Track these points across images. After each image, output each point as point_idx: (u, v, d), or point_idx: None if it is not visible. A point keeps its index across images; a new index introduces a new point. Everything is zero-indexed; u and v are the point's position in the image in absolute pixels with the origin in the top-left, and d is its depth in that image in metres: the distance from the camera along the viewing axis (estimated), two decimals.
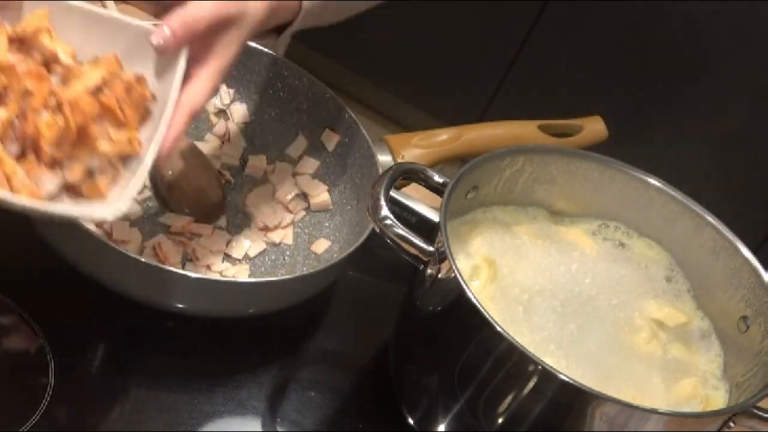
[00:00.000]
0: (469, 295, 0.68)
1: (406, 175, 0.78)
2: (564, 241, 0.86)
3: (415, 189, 0.89)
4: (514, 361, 0.68)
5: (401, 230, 0.73)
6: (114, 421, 0.74)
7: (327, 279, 0.85)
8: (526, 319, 0.77)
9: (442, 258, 0.72)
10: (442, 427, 0.77)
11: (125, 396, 0.76)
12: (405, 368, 0.82)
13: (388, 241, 0.73)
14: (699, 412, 0.76)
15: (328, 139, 0.97)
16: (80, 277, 0.79)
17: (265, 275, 0.87)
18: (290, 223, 0.92)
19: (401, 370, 0.82)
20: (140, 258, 0.75)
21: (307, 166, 0.97)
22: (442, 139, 1.00)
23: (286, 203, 0.93)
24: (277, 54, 0.94)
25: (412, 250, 0.73)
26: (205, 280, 0.78)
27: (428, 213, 0.96)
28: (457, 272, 0.70)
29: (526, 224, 0.86)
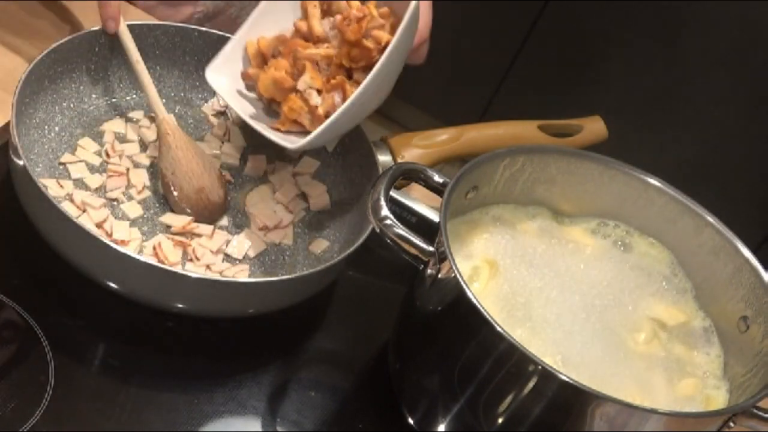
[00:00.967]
0: (469, 295, 0.68)
1: (406, 175, 0.78)
2: (565, 240, 0.86)
3: (415, 189, 0.89)
4: (514, 361, 0.68)
5: (401, 230, 0.73)
6: (114, 421, 0.74)
7: (327, 279, 0.85)
8: (526, 319, 0.77)
9: (442, 258, 0.72)
10: (442, 427, 0.77)
11: (125, 396, 0.76)
12: (405, 368, 0.82)
13: (388, 241, 0.73)
14: (699, 412, 0.76)
15: None
16: (80, 277, 0.79)
17: (265, 275, 0.87)
18: (290, 223, 0.92)
19: (401, 370, 0.82)
20: (140, 258, 0.75)
21: (307, 166, 0.97)
22: (442, 139, 1.00)
23: (286, 203, 0.93)
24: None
25: (412, 250, 0.73)
26: (205, 280, 0.78)
27: (428, 213, 0.96)
28: (457, 272, 0.70)
29: (527, 223, 0.86)
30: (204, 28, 0.97)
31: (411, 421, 0.80)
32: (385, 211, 0.73)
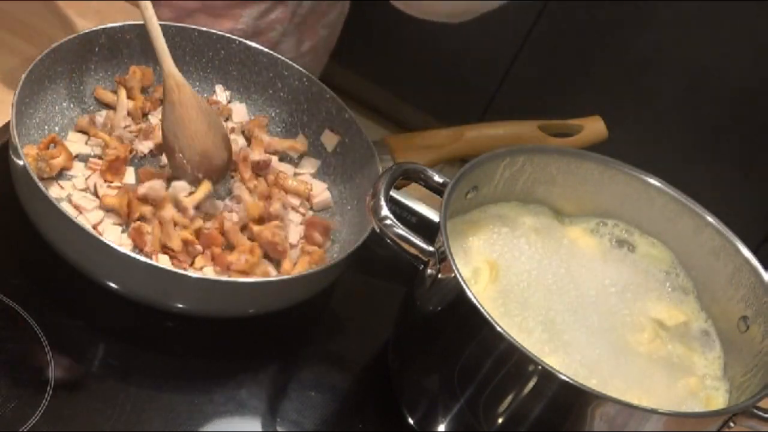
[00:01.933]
0: (469, 295, 0.68)
1: (406, 175, 0.78)
2: (566, 239, 0.86)
3: (415, 189, 0.89)
4: (514, 361, 0.68)
5: (401, 230, 0.73)
6: (114, 421, 0.74)
7: (327, 279, 0.85)
8: (526, 318, 0.77)
9: (442, 258, 0.72)
10: (442, 427, 0.77)
11: (125, 396, 0.76)
12: (405, 368, 0.82)
13: (388, 241, 0.73)
14: (699, 412, 0.76)
15: (328, 139, 0.97)
16: (80, 277, 0.79)
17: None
18: (298, 224, 0.92)
19: (401, 370, 0.82)
20: (140, 258, 0.75)
21: (308, 165, 0.97)
22: (442, 139, 1.00)
23: (294, 205, 0.93)
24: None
25: (412, 250, 0.73)
26: (205, 280, 0.78)
27: (428, 213, 0.96)
28: (457, 272, 0.70)
29: (528, 222, 0.86)
30: (204, 28, 0.97)
31: (411, 421, 0.80)
32: (385, 211, 0.73)
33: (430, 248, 0.73)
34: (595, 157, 0.86)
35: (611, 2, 1.96)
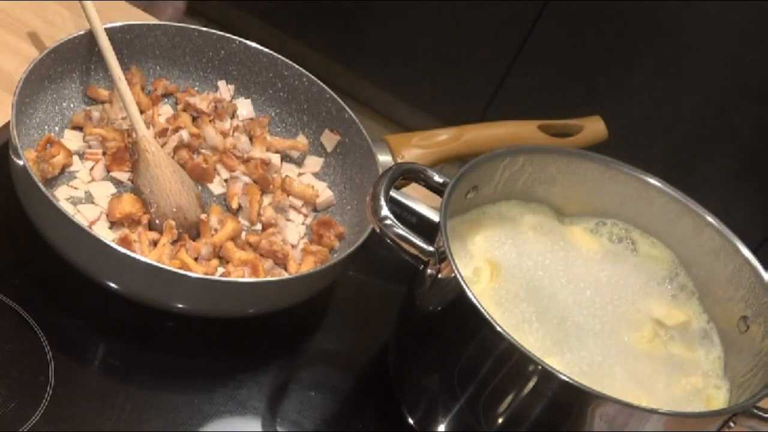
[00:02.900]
0: (469, 295, 0.68)
1: (406, 175, 0.78)
2: (566, 239, 0.86)
3: (415, 189, 0.89)
4: (514, 361, 0.68)
5: (401, 230, 0.73)
6: (114, 421, 0.74)
7: (327, 279, 0.85)
8: (526, 318, 0.77)
9: (442, 258, 0.72)
10: (442, 427, 0.77)
11: (125, 396, 0.76)
12: (405, 368, 0.82)
13: (388, 241, 0.73)
14: (699, 412, 0.76)
15: (328, 139, 0.97)
16: (80, 277, 0.79)
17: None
18: (299, 224, 0.92)
19: (401, 370, 0.82)
20: (140, 258, 0.75)
21: (311, 165, 0.97)
22: (442, 139, 1.00)
23: (297, 206, 0.93)
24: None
25: (412, 250, 0.73)
26: (205, 280, 0.78)
27: (428, 213, 0.96)
28: (457, 272, 0.70)
29: (528, 222, 0.86)
30: (204, 28, 0.97)
31: (411, 421, 0.80)
32: (385, 211, 0.73)
33: (430, 248, 0.73)
34: (595, 157, 0.86)
35: (611, 2, 1.96)
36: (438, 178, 0.78)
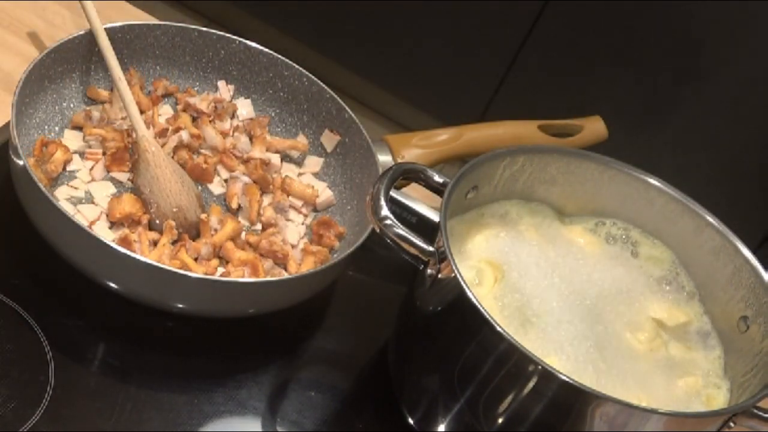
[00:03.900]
0: (469, 294, 0.68)
1: (406, 175, 0.78)
2: (566, 239, 0.86)
3: (415, 189, 0.89)
4: (514, 361, 0.68)
5: (401, 230, 0.73)
6: (114, 421, 0.74)
7: (327, 279, 0.85)
8: (526, 318, 0.77)
9: (442, 258, 0.72)
10: (442, 427, 0.77)
11: (125, 396, 0.76)
12: (405, 368, 0.82)
13: (388, 241, 0.73)
14: (699, 412, 0.76)
15: (328, 139, 0.97)
16: (80, 277, 0.79)
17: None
18: (299, 224, 0.92)
19: (401, 370, 0.82)
20: (140, 258, 0.75)
21: (311, 165, 0.97)
22: (442, 139, 0.99)
23: (297, 206, 0.93)
24: None
25: (412, 250, 0.73)
26: (205, 280, 0.78)
27: (428, 213, 0.96)
28: (457, 272, 0.70)
29: (528, 222, 0.86)
30: (204, 28, 0.97)
31: (411, 421, 0.80)
32: (385, 211, 0.73)
33: (430, 248, 0.73)
34: (595, 157, 0.86)
35: (611, 2, 1.96)
36: (438, 178, 0.78)
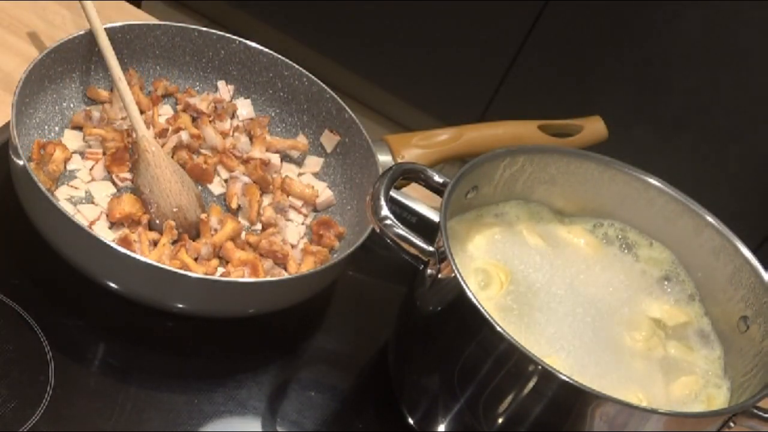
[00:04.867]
0: (469, 294, 0.68)
1: (406, 175, 0.78)
2: (566, 239, 0.86)
3: (415, 189, 0.89)
4: (514, 361, 0.68)
5: (401, 230, 0.73)
6: (114, 421, 0.74)
7: (327, 279, 0.85)
8: (526, 318, 0.77)
9: (442, 258, 0.72)
10: (442, 427, 0.77)
11: (125, 396, 0.76)
12: (405, 368, 0.82)
13: (388, 241, 0.73)
14: (699, 412, 0.76)
15: (328, 139, 0.97)
16: (80, 277, 0.79)
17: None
18: (299, 224, 0.92)
19: (401, 370, 0.82)
20: (140, 258, 0.75)
21: (311, 165, 0.97)
22: (442, 139, 1.00)
23: (297, 206, 0.93)
24: None
25: (412, 250, 0.73)
26: (205, 280, 0.78)
27: (428, 213, 0.96)
28: (457, 272, 0.70)
29: (528, 222, 0.86)
30: (204, 28, 0.97)
31: (411, 421, 0.80)
32: (385, 211, 0.73)
33: (430, 248, 0.73)
34: (595, 157, 0.86)
35: (611, 2, 1.96)
36: (438, 178, 0.78)
